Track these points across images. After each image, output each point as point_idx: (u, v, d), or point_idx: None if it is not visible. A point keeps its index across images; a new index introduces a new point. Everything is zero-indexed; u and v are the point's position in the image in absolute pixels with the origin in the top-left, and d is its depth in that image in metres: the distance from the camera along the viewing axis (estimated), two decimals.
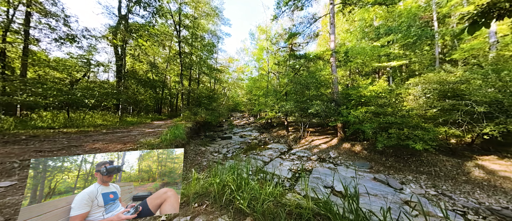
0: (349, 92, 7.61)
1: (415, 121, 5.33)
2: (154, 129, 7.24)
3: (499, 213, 3.63)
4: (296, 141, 9.36)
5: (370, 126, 5.76)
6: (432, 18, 11.90)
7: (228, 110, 22.54)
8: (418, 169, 5.80)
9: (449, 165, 5.87)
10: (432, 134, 4.87)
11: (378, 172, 5.64)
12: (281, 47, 12.66)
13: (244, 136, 11.29)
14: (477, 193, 4.58)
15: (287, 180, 4.79)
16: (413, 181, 5.08)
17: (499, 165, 5.55)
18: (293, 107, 8.54)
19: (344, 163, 6.38)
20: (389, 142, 5.22)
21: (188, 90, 13.32)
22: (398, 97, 6.32)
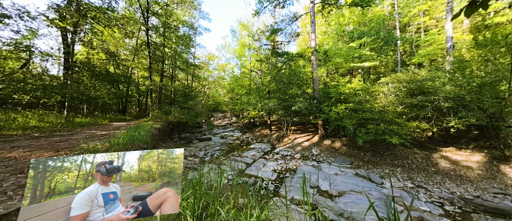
0: (329, 90, 7.53)
1: (389, 117, 5.34)
2: (110, 131, 6.05)
3: (472, 202, 3.58)
4: (279, 140, 9.01)
5: (350, 122, 5.64)
6: (395, 26, 12.84)
7: (209, 109, 20.91)
8: (393, 162, 5.83)
9: (419, 157, 6.01)
10: (406, 129, 4.88)
11: (358, 168, 5.52)
12: (263, 44, 12.21)
13: (225, 137, 10.54)
14: (447, 183, 4.61)
15: (272, 182, 4.28)
16: (391, 174, 5.10)
17: (460, 156, 5.84)
18: (276, 105, 8.18)
19: (326, 160, 6.17)
20: (368, 137, 5.16)
21: (160, 87, 11.44)
22: (373, 94, 6.38)
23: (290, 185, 4.06)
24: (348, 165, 5.83)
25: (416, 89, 6.10)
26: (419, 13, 14.06)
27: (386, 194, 3.86)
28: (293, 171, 5.24)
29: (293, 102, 7.87)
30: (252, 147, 8.02)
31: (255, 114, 10.09)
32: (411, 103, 6.02)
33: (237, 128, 14.59)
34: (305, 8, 14.29)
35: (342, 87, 7.11)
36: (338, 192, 3.90)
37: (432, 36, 13.95)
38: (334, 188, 4.14)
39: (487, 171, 5.02)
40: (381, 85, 6.95)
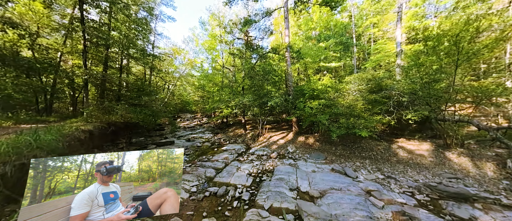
0: (303, 87, 7.27)
1: (357, 112, 5.31)
2: None
3: (437, 189, 3.48)
4: (254, 139, 8.31)
5: (324, 117, 5.36)
6: (352, 36, 14.11)
7: (175, 109, 18.00)
8: (361, 155, 5.78)
9: (382, 149, 6.11)
10: (373, 122, 4.85)
11: (332, 162, 5.24)
12: (236, 38, 11.26)
13: (193, 139, 9.21)
14: (410, 172, 4.60)
15: (247, 189, 3.46)
16: (362, 167, 5.39)
17: (412, 145, 6.17)
18: (251, 101, 7.42)
19: (302, 157, 5.74)
20: (341, 132, 4.93)
21: (102, 78, 8.56)
22: (340, 91, 6.39)
23: (268, 190, 3.32)
24: (322, 161, 5.52)
25: (375, 87, 6.39)
26: (370, 25, 15.78)
27: (364, 188, 3.52)
28: (270, 172, 4.58)
29: (269, 98, 7.30)
30: (225, 149, 7.07)
31: (228, 112, 9.15)
32: (374, 99, 6.21)
33: (208, 129, 13.19)
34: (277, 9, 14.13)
35: (314, 84, 6.93)
36: (319, 192, 3.38)
37: (380, 45, 15.52)
38: (314, 188, 3.61)
39: (437, 158, 5.35)
40: (346, 83, 7.12)
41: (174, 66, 18.44)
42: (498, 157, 5.01)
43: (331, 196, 3.41)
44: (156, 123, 10.98)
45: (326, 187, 3.77)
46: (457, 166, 5.12)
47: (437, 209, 3.24)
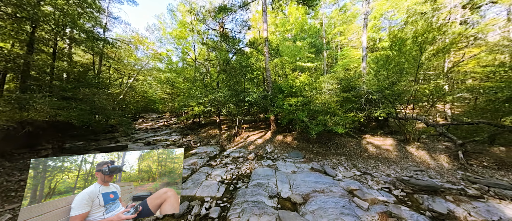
0: (281, 85, 6.85)
1: (332, 109, 5.15)
2: None
3: (409, 183, 3.34)
4: (230, 140, 7.53)
5: (303, 114, 4.99)
6: (323, 42, 14.94)
7: (136, 108, 15.12)
8: (336, 151, 5.61)
9: (353, 145, 6.10)
10: (347, 119, 4.70)
11: (311, 161, 4.89)
12: (210, 29, 10.12)
13: (155, 142, 7.74)
14: (381, 166, 4.52)
15: (217, 203, 2.67)
16: (339, 164, 5.33)
17: (378, 141, 6.34)
18: (227, 96, 6.57)
19: (281, 157, 5.25)
20: (319, 129, 4.63)
21: (23, 63, 6.17)
22: (317, 89, 6.24)
23: (244, 201, 2.62)
24: (301, 160, 5.14)
25: (347, 86, 6.50)
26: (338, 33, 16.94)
27: (346, 188, 3.17)
28: (247, 177, 3.87)
29: (247, 93, 6.60)
30: (193, 153, 6.05)
31: (200, 110, 8.02)
32: (346, 97, 6.23)
33: (177, 130, 11.58)
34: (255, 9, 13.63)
35: (292, 81, 6.59)
36: (302, 197, 2.88)
37: (347, 51, 16.63)
38: (296, 192, 3.08)
39: (400, 152, 5.55)
40: (321, 82, 7.10)
41: (134, 57, 15.30)
42: (448, 149, 5.51)
43: (314, 200, 2.94)
44: (107, 124, 8.80)
45: (309, 190, 3.30)
46: (418, 159, 5.42)
47: (415, 204, 3.12)
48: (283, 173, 4.42)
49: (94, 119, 7.05)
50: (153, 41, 15.15)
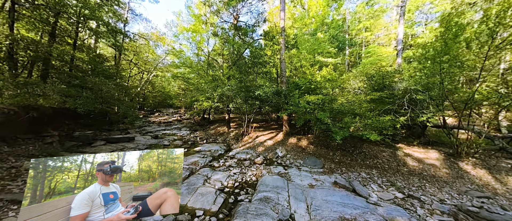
0: (297, 81, 5.86)
1: (363, 110, 4.01)
2: None
3: (479, 216, 2.05)
4: (238, 139, 6.86)
5: (325, 115, 3.95)
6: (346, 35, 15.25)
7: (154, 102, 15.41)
8: (364, 163, 4.46)
9: (387, 156, 4.83)
10: (386, 124, 3.53)
11: (332, 172, 3.82)
12: (224, 21, 9.40)
13: (162, 136, 7.35)
14: (428, 187, 3.28)
15: (210, 219, 1.81)
16: (369, 179, 4.34)
17: (419, 152, 4.99)
18: (235, 89, 5.82)
19: (294, 163, 4.35)
20: (345, 133, 3.61)
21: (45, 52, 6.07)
22: (343, 85, 5.12)
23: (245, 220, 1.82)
24: (320, 169, 4.18)
25: (380, 83, 5.21)
26: (363, 29, 15.34)
27: (387, 217, 2.13)
28: (252, 186, 3.07)
29: (257, 88, 5.77)
30: (198, 150, 5.49)
31: (208, 105, 7.41)
32: (379, 97, 4.97)
33: (187, 125, 11.25)
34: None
35: (311, 75, 5.57)
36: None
37: (373, 48, 14.83)
38: (316, 218, 2.09)
39: (451, 169, 4.22)
40: (348, 78, 5.90)
41: (152, 52, 15.60)
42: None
43: None
44: (122, 115, 8.68)
45: (334, 216, 2.38)
46: (478, 180, 4.09)
47: None
48: (298, 185, 3.54)
49: (100, 108, 6.85)
50: (171, 38, 15.38)
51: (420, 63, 5.79)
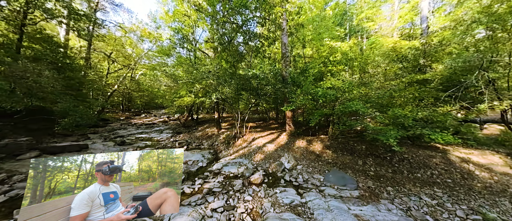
0: (305, 66, 4.09)
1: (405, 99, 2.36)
2: None
3: None
4: (229, 143, 5.05)
5: (361, 105, 2.13)
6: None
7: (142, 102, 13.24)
8: (415, 176, 2.51)
9: (439, 162, 3.00)
10: (448, 118, 1.86)
11: (376, 196, 1.99)
12: None
13: (132, 142, 5.35)
14: None
15: None
16: (439, 206, 2.48)
17: (475, 156, 3.16)
18: (221, 73, 3.97)
19: (310, 180, 2.39)
20: (403, 133, 1.66)
21: None
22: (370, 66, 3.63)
23: None
24: (354, 191, 2.38)
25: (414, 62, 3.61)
26: (364, 19, 13.86)
27: None
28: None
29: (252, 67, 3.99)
30: None
31: (190, 100, 5.53)
32: (418, 80, 3.34)
33: (172, 127, 9.29)
34: None
35: (324, 55, 3.85)
36: None
37: (376, 38, 13.12)
38: None
39: None
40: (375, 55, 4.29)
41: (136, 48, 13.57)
42: None
43: None
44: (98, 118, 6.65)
45: None
46: None
47: None
48: None
49: (30, 105, 4.82)
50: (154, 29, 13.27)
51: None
